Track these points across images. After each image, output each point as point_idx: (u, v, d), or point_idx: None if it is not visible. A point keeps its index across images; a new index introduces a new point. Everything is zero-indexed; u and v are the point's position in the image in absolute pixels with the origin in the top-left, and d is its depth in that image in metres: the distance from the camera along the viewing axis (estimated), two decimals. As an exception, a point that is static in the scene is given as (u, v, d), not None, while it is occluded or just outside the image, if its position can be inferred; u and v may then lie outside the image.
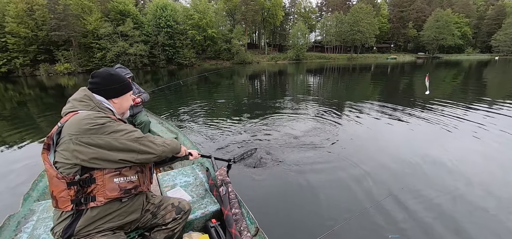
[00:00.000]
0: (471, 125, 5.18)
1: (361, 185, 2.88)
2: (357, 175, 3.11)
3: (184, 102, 8.78)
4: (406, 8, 60.55)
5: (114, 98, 1.28)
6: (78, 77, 26.56)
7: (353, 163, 3.42)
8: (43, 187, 2.09)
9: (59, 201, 1.08)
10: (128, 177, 1.19)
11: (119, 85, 1.29)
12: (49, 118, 7.11)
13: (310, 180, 3.00)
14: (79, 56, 33.68)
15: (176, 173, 2.24)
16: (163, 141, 1.33)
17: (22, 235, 1.49)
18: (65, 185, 1.05)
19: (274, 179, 3.05)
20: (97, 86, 1.24)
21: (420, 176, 3.10)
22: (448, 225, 2.22)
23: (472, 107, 6.84)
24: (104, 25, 32.80)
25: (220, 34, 42.02)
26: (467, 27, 58.38)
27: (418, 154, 3.71)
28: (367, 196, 2.66)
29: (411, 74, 19.17)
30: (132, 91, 1.40)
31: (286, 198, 2.69)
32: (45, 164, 1.08)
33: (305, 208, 2.50)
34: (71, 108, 1.15)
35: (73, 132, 1.03)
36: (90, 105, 1.16)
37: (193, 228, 1.69)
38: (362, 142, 4.35)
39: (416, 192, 2.71)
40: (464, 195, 2.65)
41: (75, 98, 1.19)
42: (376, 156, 3.71)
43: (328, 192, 2.74)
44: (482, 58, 49.62)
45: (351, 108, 7.05)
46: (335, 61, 46.76)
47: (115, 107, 1.29)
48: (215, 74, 21.16)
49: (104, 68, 1.31)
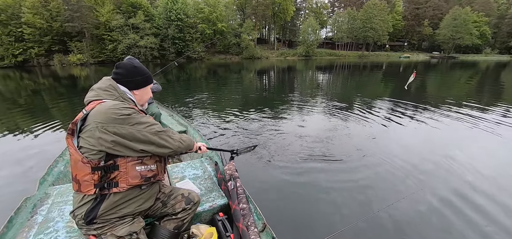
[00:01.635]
0: (486, 127, 4.99)
1: (372, 186, 2.82)
2: (368, 176, 3.05)
3: (193, 95, 8.84)
4: (422, 5, 58.47)
5: (135, 90, 1.31)
6: (90, 68, 27.16)
7: (365, 164, 3.36)
8: (57, 172, 2.16)
9: (82, 185, 1.11)
10: (149, 166, 1.24)
11: (142, 78, 1.32)
12: (62, 107, 7.31)
13: (320, 179, 2.97)
14: (91, 47, 34.40)
15: (185, 166, 2.25)
16: (180, 137, 1.39)
17: (37, 217, 1.54)
18: (89, 169, 1.09)
19: (283, 176, 3.03)
20: (121, 76, 1.27)
21: (433, 180, 3.01)
22: (460, 230, 2.15)
23: (488, 109, 6.58)
24: (116, 17, 33.29)
25: (230, 28, 41.89)
26: (486, 26, 55.90)
27: (430, 156, 3.61)
28: (377, 198, 2.60)
29: (424, 74, 18.61)
30: (152, 84, 1.43)
31: (294, 196, 2.67)
32: (70, 148, 1.12)
33: (314, 207, 2.48)
34: (96, 97, 1.18)
35: (99, 120, 1.06)
36: (114, 95, 1.20)
37: (200, 220, 1.70)
38: (374, 142, 4.26)
39: (429, 196, 2.63)
40: (479, 199, 2.56)
41: (100, 87, 1.21)
42: (389, 157, 3.62)
43: (337, 193, 2.70)
44: (501, 59, 47.51)
45: (362, 107, 6.91)
46: (345, 59, 45.88)
47: (136, 98, 1.33)
48: (224, 68, 21.19)
49: (127, 59, 1.35)
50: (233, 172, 2.06)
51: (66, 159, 2.35)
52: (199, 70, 22.11)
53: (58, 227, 1.45)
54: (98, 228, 1.16)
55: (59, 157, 2.35)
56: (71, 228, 1.44)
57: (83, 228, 1.17)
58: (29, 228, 1.44)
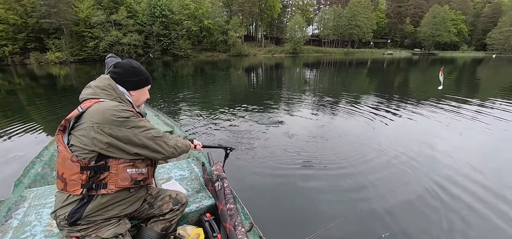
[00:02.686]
0: (465, 120, 5.26)
1: (357, 183, 2.90)
2: (353, 173, 3.12)
3: (180, 93, 8.68)
4: (404, 3, 60.47)
5: (133, 90, 1.29)
6: (70, 66, 25.94)
7: (350, 161, 3.44)
8: (34, 174, 2.05)
9: (68, 184, 1.08)
10: (140, 169, 1.23)
11: (140, 78, 1.30)
12: (40, 107, 6.95)
13: (306, 177, 3.01)
14: (71, 45, 32.77)
15: (171, 166, 2.21)
16: (176, 143, 1.37)
17: (12, 221, 1.46)
18: (78, 168, 1.06)
19: (270, 175, 3.05)
20: (119, 76, 1.24)
21: (414, 175, 3.13)
22: (442, 222, 2.26)
23: (466, 102, 6.93)
24: (97, 13, 31.86)
25: (217, 25, 41.37)
26: (463, 24, 58.76)
27: (413, 150, 3.76)
28: (362, 195, 2.68)
29: (407, 71, 19.29)
30: (150, 85, 1.39)
31: (281, 195, 2.69)
32: (59, 145, 1.09)
33: (300, 205, 2.51)
34: (93, 95, 1.15)
35: (96, 120, 1.04)
36: (112, 95, 1.18)
37: (187, 222, 1.69)
38: (358, 139, 4.37)
39: (411, 191, 2.75)
40: (456, 191, 2.70)
41: (98, 85, 1.19)
42: (372, 154, 3.73)
43: (324, 190, 2.75)
44: (477, 55, 50.13)
45: (348, 104, 7.07)
46: (332, 55, 46.65)
47: (133, 99, 1.31)
48: (211, 65, 20.90)
49: (126, 59, 1.33)
50: (221, 172, 2.05)
51: (43, 160, 2.24)
52: (186, 68, 21.73)
53: (35, 231, 1.38)
54: (82, 229, 1.12)
55: (36, 158, 2.23)
56: (50, 232, 1.37)
57: (65, 229, 1.13)
58: (3, 233, 1.37)
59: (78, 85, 11.88)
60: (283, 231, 2.13)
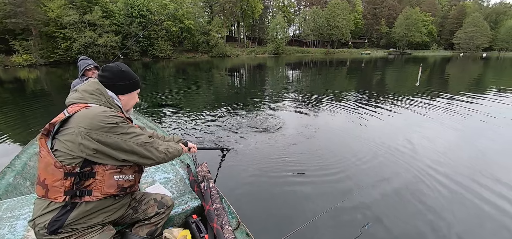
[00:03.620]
0: (436, 114, 5.63)
1: (338, 177, 3.00)
2: (334, 168, 3.23)
3: (161, 96, 8.47)
4: (379, 5, 63.46)
5: (122, 95, 1.26)
6: (40, 69, 24.30)
7: (331, 157, 3.56)
8: (5, 184, 1.93)
9: (50, 191, 1.04)
10: (127, 176, 1.20)
11: (129, 82, 1.27)
12: (6, 114, 6.46)
13: (290, 174, 3.07)
14: (41, 46, 30.65)
15: (155, 170, 2.17)
16: (167, 148, 1.35)
17: None
18: (62, 174, 1.03)
19: (255, 173, 3.08)
20: (108, 80, 1.21)
21: (393, 169, 3.31)
22: (420, 210, 2.42)
23: (436, 97, 7.42)
24: (69, 13, 30.12)
25: (198, 25, 40.78)
26: (432, 25, 62.91)
27: (391, 145, 3.96)
28: (344, 188, 2.78)
29: (384, 69, 20.25)
30: (139, 90, 1.37)
31: (267, 192, 2.73)
32: (42, 150, 1.05)
33: (285, 201, 2.56)
34: (81, 100, 1.12)
35: (84, 126, 1.02)
36: (101, 100, 1.15)
37: (173, 224, 1.67)
38: (339, 135, 4.54)
39: (389, 182, 2.90)
40: (433, 180, 2.90)
41: (86, 89, 1.15)
42: (352, 149, 3.89)
43: (307, 185, 2.82)
44: (446, 54, 53.84)
45: (329, 102, 7.29)
46: (313, 56, 47.77)
47: (122, 103, 1.27)
48: (193, 67, 20.56)
49: (115, 63, 1.28)
50: (206, 173, 2.05)
51: (15, 170, 2.10)
52: (167, 69, 21.19)
53: None
54: (64, 238, 1.08)
55: (7, 167, 2.09)
56: None
57: (44, 238, 1.08)
58: None
59: (50, 89, 11.17)
60: (270, 227, 2.17)
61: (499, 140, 4.22)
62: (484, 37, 56.67)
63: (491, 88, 9.74)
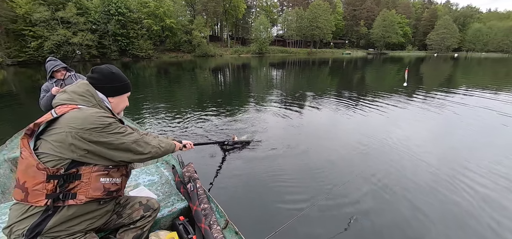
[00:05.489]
0: (415, 110, 5.95)
1: (323, 173, 3.09)
2: (320, 162, 3.32)
3: (143, 97, 8.19)
4: (358, 7, 65.88)
5: (111, 97, 1.23)
6: (7, 70, 22.55)
7: (315, 153, 3.65)
8: None
9: (30, 194, 0.98)
10: (114, 179, 1.17)
11: (120, 85, 1.25)
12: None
13: (276, 171, 3.10)
14: (8, 45, 28.44)
15: (138, 172, 2.10)
16: (159, 142, 1.35)
17: None
18: (44, 177, 0.97)
19: (241, 172, 3.08)
20: (97, 82, 1.19)
21: (374, 162, 3.46)
22: (402, 201, 2.54)
23: (413, 95, 7.84)
24: (39, 9, 28.19)
25: (180, 24, 39.90)
26: (407, 27, 66.43)
27: (372, 139, 4.13)
28: (329, 183, 2.87)
29: (364, 69, 21.03)
30: (130, 92, 1.35)
31: (254, 190, 2.74)
32: (24, 151, 0.99)
33: (273, 198, 2.59)
34: (70, 101, 1.09)
35: (75, 126, 0.99)
36: (91, 102, 1.13)
37: (160, 227, 1.63)
38: (323, 132, 4.66)
39: (372, 175, 3.03)
40: (412, 172, 3.06)
41: (74, 90, 1.12)
42: (336, 144, 4.01)
43: (293, 181, 2.88)
44: (420, 54, 57.06)
45: (313, 100, 7.45)
46: (296, 55, 48.54)
47: (112, 106, 1.24)
48: (175, 67, 20.07)
49: (105, 65, 1.26)
50: (192, 173, 2.01)
51: None
52: (148, 69, 20.53)
53: None
54: None
55: None
56: None
57: None
58: None
59: (19, 90, 10.41)
60: (258, 224, 2.18)
61: (471, 133, 4.55)
62: (454, 38, 60.76)
63: (461, 86, 10.47)
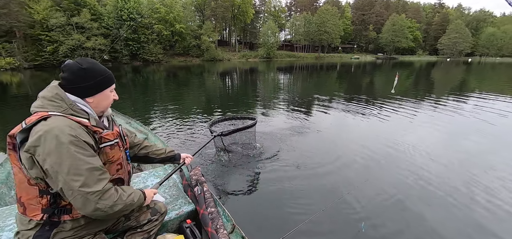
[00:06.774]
0: (425, 116, 5.81)
1: (332, 178, 3.04)
2: (328, 169, 3.27)
3: (152, 100, 8.34)
4: (367, 12, 65.33)
5: (89, 97, 1.07)
6: (24, 73, 23.45)
7: (324, 158, 3.60)
8: None
9: (27, 208, 0.97)
10: None
11: (94, 82, 1.06)
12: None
13: (284, 176, 3.08)
14: (25, 49, 29.63)
15: (147, 175, 2.12)
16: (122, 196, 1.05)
17: None
18: (37, 192, 0.94)
19: (248, 177, 3.07)
20: (68, 82, 1.03)
21: (384, 168, 3.38)
22: (411, 208, 2.47)
23: (424, 100, 7.66)
24: (55, 15, 29.31)
25: (189, 29, 40.59)
26: (418, 31, 65.27)
27: (381, 146, 4.05)
28: (337, 189, 2.82)
29: (372, 73, 20.74)
30: (113, 85, 1.17)
31: (261, 195, 2.72)
32: (14, 166, 0.95)
33: (280, 203, 2.56)
34: (40, 108, 0.97)
35: (29, 144, 0.89)
36: (61, 107, 0.98)
37: (167, 230, 1.63)
38: (331, 137, 4.60)
39: (381, 183, 2.96)
40: (423, 179, 2.97)
41: (44, 95, 1.00)
42: (345, 151, 3.94)
43: (301, 187, 2.84)
44: (431, 59, 55.86)
45: (321, 105, 7.38)
46: (304, 60, 48.43)
47: (92, 106, 1.09)
48: (184, 71, 20.35)
49: (74, 60, 1.07)
50: (200, 177, 2.02)
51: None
52: (158, 73, 20.92)
53: None
54: None
55: None
56: None
57: None
58: None
59: (34, 92, 10.77)
60: (265, 229, 2.16)
61: (483, 141, 4.39)
62: (466, 43, 59.21)
63: (475, 91, 10.16)
